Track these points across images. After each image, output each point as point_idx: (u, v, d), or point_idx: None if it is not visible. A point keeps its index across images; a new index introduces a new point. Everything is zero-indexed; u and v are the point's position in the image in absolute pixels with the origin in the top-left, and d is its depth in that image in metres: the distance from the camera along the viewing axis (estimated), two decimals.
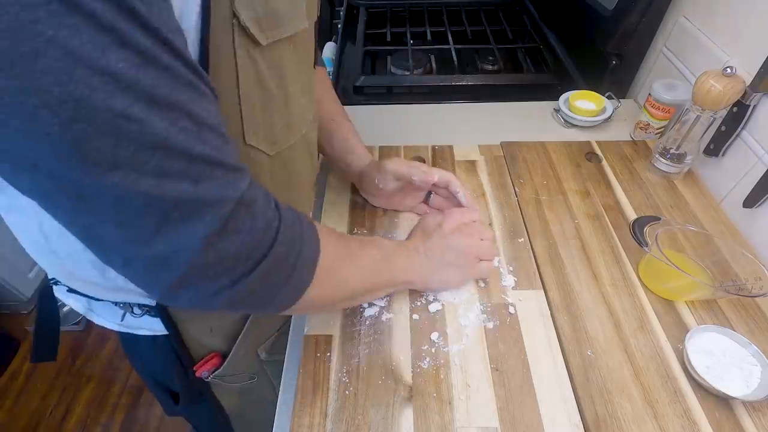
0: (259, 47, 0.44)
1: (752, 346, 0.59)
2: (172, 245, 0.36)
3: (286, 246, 0.44)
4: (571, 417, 0.57)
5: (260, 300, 0.45)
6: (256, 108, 0.48)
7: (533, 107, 1.09)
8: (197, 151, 0.34)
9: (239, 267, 0.40)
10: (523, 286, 0.71)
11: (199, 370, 0.69)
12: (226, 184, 0.37)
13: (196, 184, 0.35)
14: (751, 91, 0.73)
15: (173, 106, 0.32)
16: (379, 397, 0.59)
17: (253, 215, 0.40)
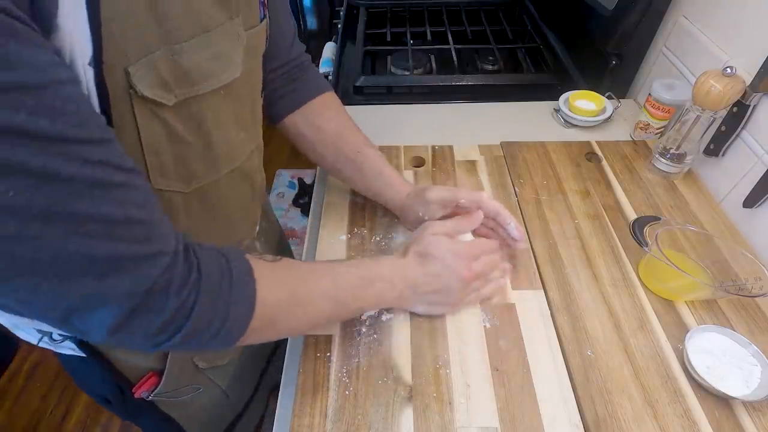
0: (165, 107, 0.44)
1: (752, 346, 0.59)
2: (83, 328, 0.38)
3: (205, 317, 0.43)
4: (571, 417, 0.57)
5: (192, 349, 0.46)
6: (163, 157, 0.48)
7: (533, 107, 1.09)
8: (103, 253, 0.35)
9: (156, 338, 0.41)
10: (523, 286, 0.71)
11: (137, 391, 0.67)
12: (137, 276, 0.37)
13: (102, 280, 0.35)
14: (751, 91, 0.73)
15: (73, 216, 0.33)
16: (379, 397, 0.59)
17: (166, 299, 0.40)
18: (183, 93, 0.45)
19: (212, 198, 0.59)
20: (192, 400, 0.78)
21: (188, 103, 0.46)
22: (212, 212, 0.60)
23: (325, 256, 0.76)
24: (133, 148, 0.45)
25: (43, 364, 1.87)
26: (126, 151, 0.40)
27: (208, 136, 0.51)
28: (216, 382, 0.80)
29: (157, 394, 0.69)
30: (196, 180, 0.54)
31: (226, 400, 0.85)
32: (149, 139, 0.45)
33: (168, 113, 0.45)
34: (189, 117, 0.48)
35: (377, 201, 0.80)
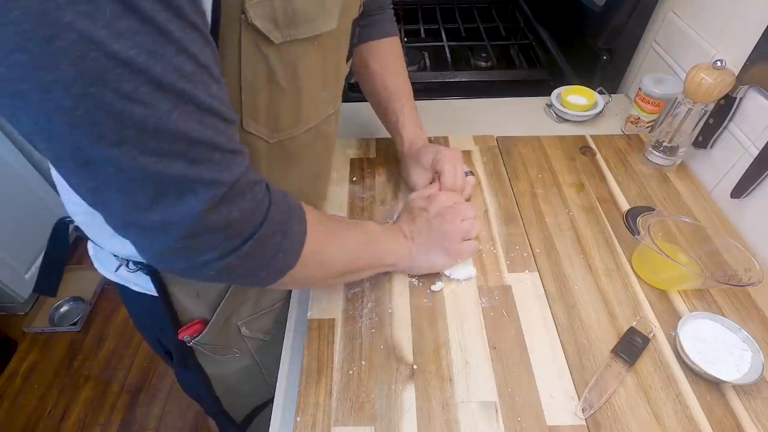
0: (272, 45, 0.46)
1: (742, 332, 0.61)
2: (167, 216, 0.39)
3: (273, 228, 0.46)
4: (567, 390, 0.59)
5: (244, 275, 0.48)
6: (259, 98, 0.50)
7: (526, 103, 1.10)
8: (197, 135, 0.37)
9: (227, 243, 0.43)
10: (519, 268, 0.73)
11: (182, 333, 0.72)
12: (223, 168, 0.40)
13: (193, 165, 0.37)
14: (737, 83, 0.75)
15: (180, 92, 0.34)
16: (382, 376, 0.61)
17: (245, 197, 0.42)
18: (289, 34, 0.46)
19: (292, 155, 0.61)
20: (227, 362, 0.83)
21: (290, 45, 0.48)
22: (290, 169, 0.63)
23: None
24: (232, 80, 0.46)
25: (40, 364, 1.87)
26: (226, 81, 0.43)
27: (299, 85, 0.53)
28: (253, 354, 0.84)
29: (197, 341, 0.73)
30: (281, 131, 0.56)
31: (262, 378, 0.89)
32: (249, 74, 0.47)
33: (272, 52, 0.47)
34: (288, 61, 0.49)
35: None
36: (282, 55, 0.48)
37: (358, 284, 0.72)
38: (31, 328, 1.97)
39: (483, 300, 0.69)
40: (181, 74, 0.34)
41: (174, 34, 0.32)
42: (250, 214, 0.44)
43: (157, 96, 0.33)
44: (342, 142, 0.97)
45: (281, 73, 0.50)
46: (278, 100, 0.52)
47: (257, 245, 0.45)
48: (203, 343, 0.75)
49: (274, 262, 0.49)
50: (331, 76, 0.60)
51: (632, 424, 0.56)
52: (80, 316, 1.99)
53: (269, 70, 0.48)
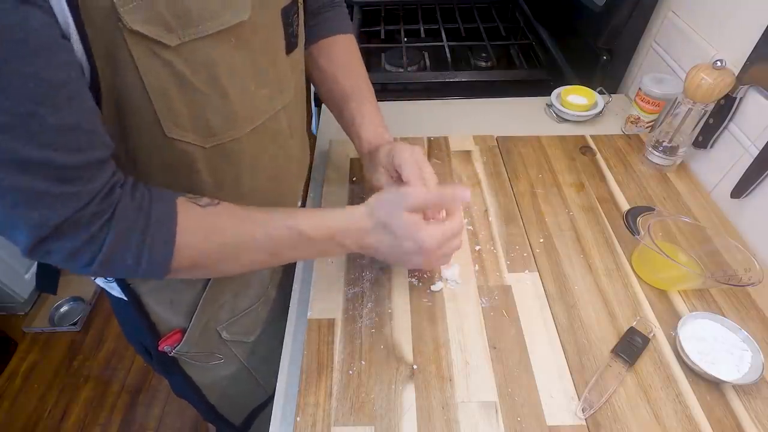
0: (168, 48, 0.44)
1: (742, 332, 0.61)
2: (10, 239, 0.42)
3: (116, 252, 0.46)
4: (566, 390, 0.59)
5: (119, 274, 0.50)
6: (175, 104, 0.48)
7: (526, 103, 1.10)
8: (14, 185, 0.38)
9: (73, 262, 0.45)
10: (519, 268, 0.73)
11: (162, 344, 0.72)
12: (49, 211, 0.40)
13: (14, 208, 0.39)
14: (737, 83, 0.75)
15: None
16: (382, 376, 0.61)
17: (75, 232, 0.43)
18: (187, 33, 0.44)
19: (236, 158, 0.58)
20: (214, 369, 0.82)
21: (194, 45, 0.45)
22: (238, 174, 0.60)
23: None
24: (138, 89, 0.45)
25: (40, 364, 1.87)
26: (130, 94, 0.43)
27: (221, 87, 0.50)
28: (239, 357, 0.83)
29: (178, 351, 0.73)
30: (216, 136, 0.54)
31: (254, 381, 0.88)
32: (153, 81, 0.45)
33: (172, 55, 0.44)
34: (198, 62, 0.47)
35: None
36: (186, 56, 0.45)
37: (358, 284, 0.72)
38: (31, 328, 1.97)
39: (483, 300, 0.69)
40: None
41: None
42: (83, 245, 0.44)
43: None
44: (342, 142, 0.97)
45: (193, 76, 0.47)
46: (201, 104, 0.50)
47: (104, 265, 0.45)
48: (185, 352, 0.74)
49: (138, 273, 0.48)
50: (268, 71, 0.56)
51: (632, 424, 0.56)
52: (80, 316, 1.99)
53: (176, 74, 0.46)
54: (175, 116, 0.49)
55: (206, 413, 0.91)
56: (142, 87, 0.45)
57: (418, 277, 0.72)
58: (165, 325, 0.71)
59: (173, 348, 0.73)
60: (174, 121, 0.49)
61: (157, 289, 0.68)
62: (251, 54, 0.52)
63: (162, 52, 0.44)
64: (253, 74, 0.54)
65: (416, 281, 0.72)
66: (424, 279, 0.72)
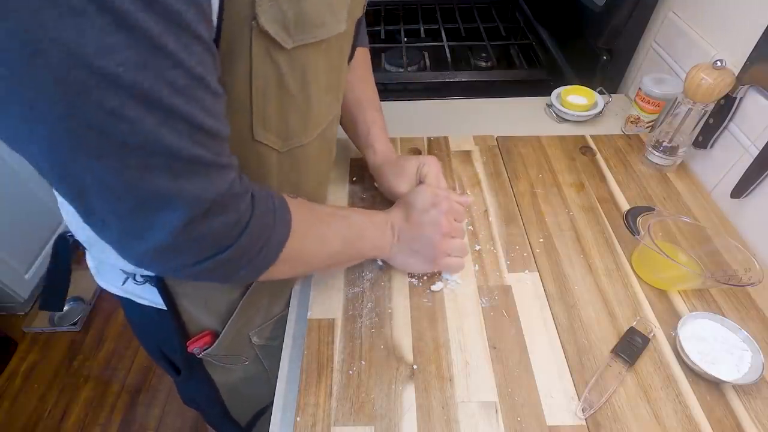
0: (283, 50, 0.45)
1: (743, 332, 0.61)
2: (144, 225, 0.39)
3: (253, 238, 0.46)
4: (567, 390, 0.59)
5: (222, 276, 0.48)
6: (270, 106, 0.49)
7: (526, 103, 1.10)
8: (185, 152, 0.36)
9: (204, 252, 0.44)
10: (519, 268, 0.73)
11: (191, 345, 0.72)
12: (207, 183, 0.39)
13: (176, 180, 0.37)
14: (737, 83, 0.75)
15: (169, 108, 0.33)
16: (382, 376, 0.61)
17: (226, 212, 0.42)
18: (300, 39, 0.45)
19: (302, 162, 0.61)
20: (235, 370, 0.83)
21: (301, 51, 0.47)
22: (300, 176, 0.63)
23: None
24: (243, 89, 0.46)
25: (40, 364, 1.87)
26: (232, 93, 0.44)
27: (308, 90, 0.52)
28: (263, 360, 0.84)
29: (207, 354, 0.74)
30: (291, 139, 0.56)
31: (267, 382, 0.88)
32: (260, 82, 0.46)
33: (282, 58, 0.46)
34: (297, 67, 0.48)
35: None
36: (292, 60, 0.47)
37: (358, 284, 0.72)
38: (31, 328, 1.97)
39: (483, 300, 0.69)
40: (172, 89, 0.33)
41: (168, 48, 0.31)
42: (230, 228, 0.44)
43: (143, 112, 0.32)
44: (342, 142, 0.97)
45: (291, 79, 0.49)
46: (288, 108, 0.52)
47: (236, 253, 0.45)
48: (213, 354, 0.75)
49: (250, 266, 0.49)
50: (335, 78, 0.59)
51: (632, 424, 0.56)
52: (80, 316, 1.99)
53: (280, 77, 0.47)
54: (265, 119, 0.50)
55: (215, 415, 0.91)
56: (248, 87, 0.46)
57: (418, 277, 0.72)
58: (195, 326, 0.72)
59: (202, 349, 0.73)
60: (263, 123, 0.51)
61: (194, 291, 0.68)
62: (330, 62, 0.54)
63: (276, 54, 0.45)
64: (327, 80, 0.56)
65: (416, 281, 0.72)
66: (423, 279, 0.72)
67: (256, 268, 0.50)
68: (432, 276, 0.72)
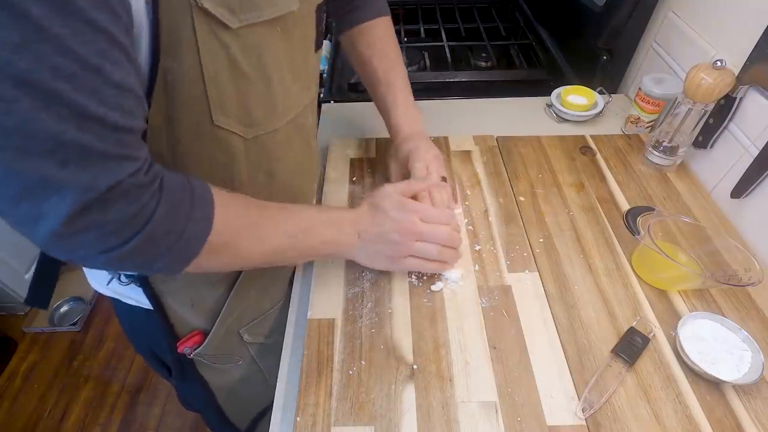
0: (229, 30, 0.45)
1: (743, 332, 0.61)
2: (35, 212, 0.37)
3: (161, 228, 0.44)
4: (566, 390, 0.59)
5: (137, 266, 0.47)
6: (226, 89, 0.49)
7: (526, 103, 1.10)
8: (70, 138, 0.35)
9: (104, 241, 0.41)
10: (519, 268, 0.73)
11: (181, 346, 0.71)
12: (100, 172, 0.38)
13: (63, 167, 0.36)
14: (737, 83, 0.75)
15: (51, 93, 0.33)
16: (382, 376, 0.61)
17: (123, 201, 0.40)
18: (246, 18, 0.45)
19: (271, 151, 0.60)
20: (230, 371, 0.82)
21: (250, 30, 0.47)
22: (271, 168, 0.62)
23: None
24: (194, 72, 0.45)
25: (40, 364, 1.87)
26: (184, 78, 0.43)
27: (267, 75, 0.52)
28: (256, 359, 0.84)
29: (198, 353, 0.73)
30: (256, 126, 0.55)
31: (264, 382, 0.88)
32: (210, 64, 0.46)
33: (230, 38, 0.45)
34: (250, 48, 0.48)
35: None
36: (242, 41, 0.47)
37: (358, 284, 0.72)
38: (31, 328, 1.97)
39: (483, 300, 0.69)
40: (56, 74, 0.32)
41: (51, 31, 0.31)
42: (129, 217, 0.41)
43: (21, 94, 0.32)
44: (342, 142, 0.97)
45: (244, 61, 0.48)
46: (247, 92, 0.51)
47: (144, 242, 0.43)
48: (204, 354, 0.74)
49: (168, 256, 0.46)
50: (301, 65, 0.59)
51: (632, 424, 0.56)
52: (80, 316, 1.99)
53: (230, 58, 0.47)
54: (223, 103, 0.50)
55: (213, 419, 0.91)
56: (198, 70, 0.45)
57: (418, 276, 0.72)
58: (184, 326, 0.71)
59: (193, 350, 0.72)
60: (222, 108, 0.50)
61: (179, 289, 0.68)
62: (291, 46, 0.54)
63: (222, 35, 0.45)
64: (291, 67, 0.56)
65: (416, 281, 0.72)
66: (423, 279, 0.72)
67: (177, 259, 0.47)
68: (432, 276, 0.72)
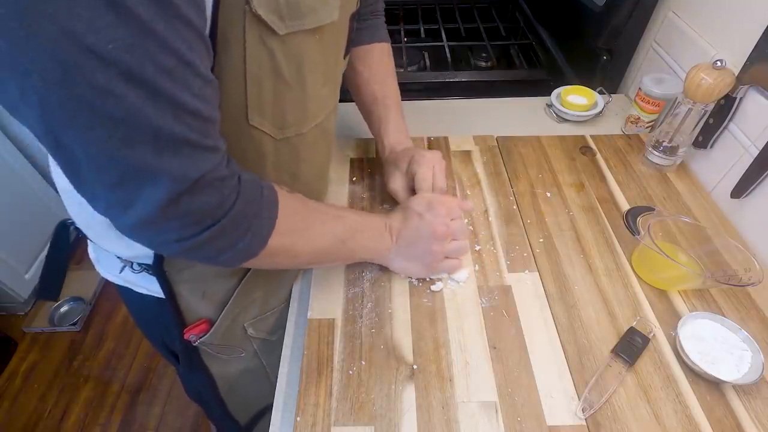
0: (276, 36, 0.46)
1: (743, 332, 0.61)
2: (130, 198, 0.41)
3: (236, 221, 0.47)
4: (566, 390, 0.59)
5: (207, 256, 0.49)
6: (265, 92, 0.51)
7: (526, 103, 1.10)
8: (167, 129, 0.38)
9: (185, 229, 0.45)
10: (519, 268, 0.73)
11: (187, 333, 0.72)
12: (191, 163, 0.41)
13: (160, 156, 0.38)
14: (737, 83, 0.75)
15: (155, 87, 0.35)
16: (382, 376, 0.61)
17: (209, 192, 0.43)
18: (293, 25, 0.47)
19: (299, 152, 0.62)
20: (232, 362, 0.83)
21: (294, 38, 0.48)
22: (298, 166, 0.64)
23: None
24: (237, 74, 0.47)
25: (40, 364, 1.87)
26: (228, 77, 0.45)
27: (304, 80, 0.54)
28: (259, 355, 0.85)
29: (203, 341, 0.74)
30: (288, 128, 0.57)
31: (267, 380, 0.89)
32: (255, 68, 0.48)
33: (276, 44, 0.47)
34: (292, 55, 0.50)
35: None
36: (286, 47, 0.48)
37: (358, 284, 0.72)
38: (31, 328, 1.97)
39: (483, 300, 0.69)
40: (159, 69, 0.35)
41: (157, 30, 0.33)
42: (212, 208, 0.45)
43: (130, 89, 0.34)
44: (342, 142, 0.97)
45: (286, 66, 0.50)
46: (284, 95, 0.53)
47: (217, 234, 0.46)
48: (209, 343, 0.75)
49: (235, 249, 0.49)
50: (331, 71, 0.61)
51: (632, 424, 0.56)
52: (80, 316, 1.99)
53: (274, 63, 0.49)
54: (260, 104, 0.52)
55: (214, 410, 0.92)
56: (242, 71, 0.47)
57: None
58: (193, 314, 0.73)
59: (198, 337, 0.73)
60: (259, 109, 0.52)
61: (193, 279, 0.69)
62: (325, 52, 0.56)
63: (269, 40, 0.46)
64: (323, 72, 0.57)
65: (416, 281, 0.72)
66: (423, 279, 0.72)
67: (240, 253, 0.50)
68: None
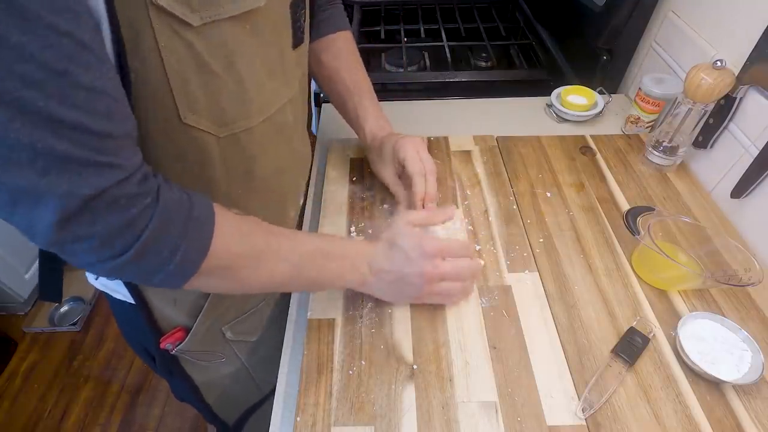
0: (191, 28, 0.44)
1: (743, 332, 0.61)
2: (28, 220, 0.38)
3: (158, 240, 0.43)
4: (566, 390, 0.59)
5: (137, 277, 0.47)
6: (193, 87, 0.48)
7: (526, 103, 1.10)
8: (45, 147, 0.35)
9: (98, 252, 0.41)
10: (519, 268, 0.73)
11: (163, 342, 0.71)
12: (80, 180, 0.37)
13: (44, 176, 0.36)
14: (737, 83, 0.75)
15: (21, 102, 0.33)
16: (382, 376, 0.61)
17: (115, 210, 0.40)
18: (208, 15, 0.44)
19: (247, 149, 0.59)
20: (214, 368, 0.82)
21: (215, 27, 0.45)
22: (249, 166, 0.61)
23: None
24: (157, 70, 0.44)
25: (40, 364, 1.87)
26: (149, 77, 0.42)
27: (238, 72, 0.51)
28: (240, 357, 0.84)
29: (180, 350, 0.73)
30: (230, 124, 0.54)
31: (251, 380, 0.88)
32: (174, 63, 0.45)
33: (192, 36, 0.44)
34: (217, 45, 0.47)
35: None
36: (206, 38, 0.46)
37: None
38: (31, 328, 1.97)
39: (483, 300, 0.69)
40: (22, 83, 0.32)
41: (11, 40, 0.31)
42: (120, 229, 0.41)
43: None
44: (342, 142, 0.97)
45: (211, 58, 0.47)
46: (217, 90, 0.50)
47: (138, 254, 0.42)
48: (186, 351, 0.74)
49: (166, 272, 0.45)
50: (276, 62, 0.58)
51: (632, 424, 0.56)
52: (80, 316, 1.99)
53: (196, 56, 0.46)
54: (191, 101, 0.49)
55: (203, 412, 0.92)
56: (162, 69, 0.44)
57: None
58: (167, 322, 0.71)
59: (175, 346, 0.73)
60: (190, 106, 0.49)
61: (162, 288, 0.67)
62: (263, 43, 0.53)
63: (184, 33, 0.44)
64: (264, 64, 0.55)
65: None
66: None
67: (173, 276, 0.46)
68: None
